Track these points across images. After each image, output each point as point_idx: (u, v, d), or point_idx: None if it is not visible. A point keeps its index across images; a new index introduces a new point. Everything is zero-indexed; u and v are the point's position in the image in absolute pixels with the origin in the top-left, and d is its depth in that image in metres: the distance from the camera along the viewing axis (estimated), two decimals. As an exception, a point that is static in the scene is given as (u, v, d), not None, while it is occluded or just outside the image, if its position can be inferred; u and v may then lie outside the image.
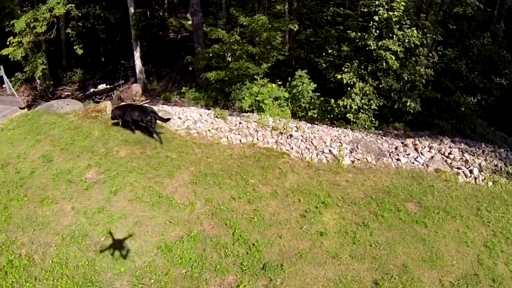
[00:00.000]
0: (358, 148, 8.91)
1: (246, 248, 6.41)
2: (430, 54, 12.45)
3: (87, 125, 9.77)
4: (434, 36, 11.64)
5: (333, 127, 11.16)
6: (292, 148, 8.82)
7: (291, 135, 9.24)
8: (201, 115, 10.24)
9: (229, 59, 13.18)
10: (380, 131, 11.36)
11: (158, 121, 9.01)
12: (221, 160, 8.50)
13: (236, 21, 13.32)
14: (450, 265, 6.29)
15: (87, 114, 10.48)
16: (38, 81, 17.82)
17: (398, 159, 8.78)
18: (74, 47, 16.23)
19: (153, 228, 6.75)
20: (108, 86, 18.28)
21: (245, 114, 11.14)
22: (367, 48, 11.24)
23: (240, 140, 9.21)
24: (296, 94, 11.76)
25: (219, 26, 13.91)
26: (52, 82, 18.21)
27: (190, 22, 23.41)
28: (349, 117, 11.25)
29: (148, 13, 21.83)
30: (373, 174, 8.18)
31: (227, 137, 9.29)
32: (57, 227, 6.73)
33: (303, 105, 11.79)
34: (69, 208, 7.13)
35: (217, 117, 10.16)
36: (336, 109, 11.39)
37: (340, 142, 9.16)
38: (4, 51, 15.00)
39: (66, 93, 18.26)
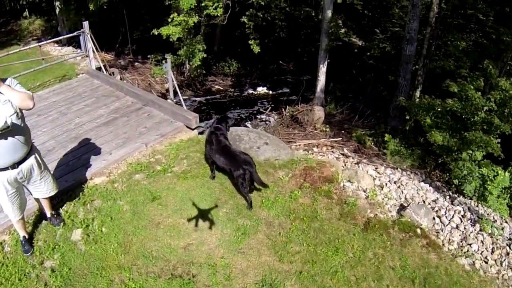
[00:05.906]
0: None
1: None
2: None
3: (324, 214, 5.04)
4: None
5: None
6: None
7: None
8: (460, 219, 6.14)
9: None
10: None
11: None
12: None
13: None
14: None
15: (311, 181, 5.51)
16: (187, 66, 14.71)
17: None
18: (249, 42, 12.68)
19: None
20: (270, 92, 14.61)
21: (465, 200, 7.29)
22: None
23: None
24: (517, 186, 7.74)
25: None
26: (204, 71, 15.00)
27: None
28: None
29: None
30: None
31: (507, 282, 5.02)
32: None
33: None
34: None
35: (482, 229, 6.06)
36: None
37: None
38: (164, 30, 11.82)
39: (217, 86, 15.04)
